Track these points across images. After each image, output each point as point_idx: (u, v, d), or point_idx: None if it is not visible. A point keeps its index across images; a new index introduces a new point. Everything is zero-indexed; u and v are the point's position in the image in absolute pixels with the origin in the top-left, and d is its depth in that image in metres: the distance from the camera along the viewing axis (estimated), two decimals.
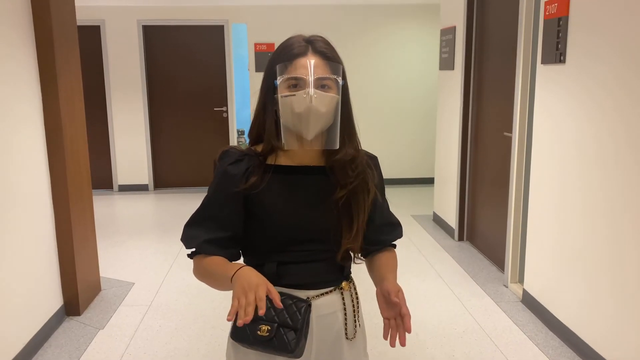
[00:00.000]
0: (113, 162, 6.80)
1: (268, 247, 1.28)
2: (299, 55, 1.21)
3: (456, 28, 4.70)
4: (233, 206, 1.26)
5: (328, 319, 1.31)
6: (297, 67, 1.19)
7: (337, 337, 1.33)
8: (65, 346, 2.97)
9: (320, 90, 1.19)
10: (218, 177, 1.28)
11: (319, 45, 1.23)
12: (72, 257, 3.24)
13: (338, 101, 1.22)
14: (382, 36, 6.75)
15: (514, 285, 3.70)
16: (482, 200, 4.44)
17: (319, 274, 1.31)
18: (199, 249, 1.27)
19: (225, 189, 1.26)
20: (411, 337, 3.05)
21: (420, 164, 7.04)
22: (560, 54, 2.95)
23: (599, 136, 2.65)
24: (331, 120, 1.22)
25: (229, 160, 1.28)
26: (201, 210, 1.30)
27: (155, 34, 6.64)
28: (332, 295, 1.33)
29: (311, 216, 1.27)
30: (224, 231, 1.27)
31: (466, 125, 4.63)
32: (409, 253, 4.46)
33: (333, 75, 1.21)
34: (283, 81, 1.20)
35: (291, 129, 1.21)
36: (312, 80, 1.18)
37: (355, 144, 1.30)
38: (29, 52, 2.95)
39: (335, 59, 1.24)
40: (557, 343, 2.98)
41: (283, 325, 1.18)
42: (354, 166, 1.28)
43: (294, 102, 1.18)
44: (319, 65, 1.20)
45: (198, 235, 1.27)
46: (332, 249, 1.30)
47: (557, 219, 3.04)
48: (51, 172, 3.14)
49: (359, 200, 1.29)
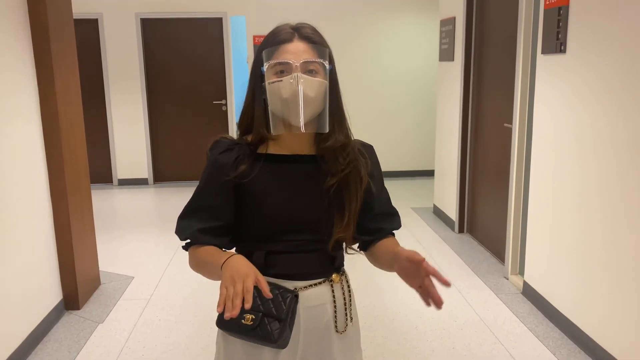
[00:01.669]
0: (112, 156, 6.78)
1: (257, 236, 1.27)
2: (285, 41, 1.20)
3: (456, 19, 4.67)
4: (224, 195, 1.26)
5: (316, 310, 1.29)
6: (283, 53, 1.19)
7: (326, 330, 1.31)
8: (65, 340, 2.97)
9: (308, 75, 1.18)
10: (209, 167, 1.28)
11: (305, 31, 1.23)
12: (71, 251, 3.24)
13: (326, 86, 1.20)
14: (381, 28, 6.71)
15: (514, 277, 3.69)
16: (483, 192, 4.43)
17: (308, 265, 1.29)
18: (192, 238, 1.27)
19: (216, 178, 1.26)
20: (411, 329, 3.05)
21: (420, 156, 7.02)
22: (561, 44, 2.92)
23: (598, 127, 2.63)
24: (321, 106, 1.21)
25: (220, 149, 1.27)
26: (193, 201, 1.29)
27: (153, 27, 6.61)
28: (321, 287, 1.31)
29: (301, 205, 1.26)
30: (216, 220, 1.26)
31: (466, 117, 4.61)
32: (409, 246, 4.45)
33: (319, 59, 1.20)
34: (270, 67, 1.19)
35: (280, 116, 1.20)
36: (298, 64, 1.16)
37: (345, 130, 1.28)
38: (24, 44, 2.93)
39: (322, 43, 1.23)
40: (557, 334, 2.97)
41: (267, 315, 1.18)
42: (345, 154, 1.26)
43: (281, 87, 1.17)
44: (306, 50, 1.19)
45: (191, 225, 1.27)
46: (322, 239, 1.28)
47: (557, 211, 3.03)
48: (49, 165, 3.12)
49: (351, 189, 1.27)
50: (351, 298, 1.37)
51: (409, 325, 3.09)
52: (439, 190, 5.34)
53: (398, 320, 3.15)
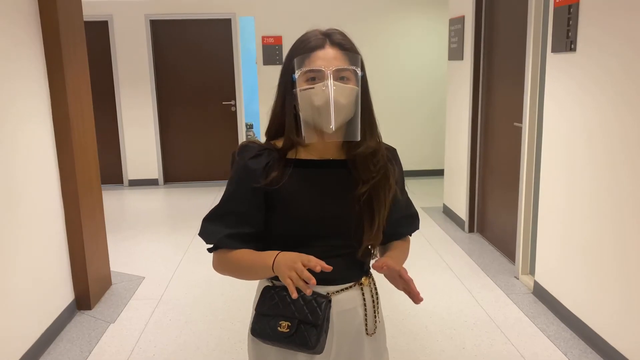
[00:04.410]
0: (123, 157, 6.83)
1: (288, 241, 1.26)
2: (316, 48, 1.20)
3: (465, 18, 4.65)
4: (254, 201, 1.25)
5: (348, 314, 1.30)
6: (315, 60, 1.18)
7: (357, 333, 1.32)
8: (77, 340, 2.99)
9: (339, 82, 1.18)
10: (238, 172, 1.27)
11: (336, 37, 1.22)
12: (82, 251, 3.26)
13: (358, 93, 1.20)
14: (390, 26, 6.69)
15: (524, 277, 3.67)
16: (493, 191, 4.41)
17: (340, 269, 1.27)
18: (220, 243, 1.27)
19: (246, 183, 1.25)
20: (421, 329, 3.04)
21: (430, 155, 7.00)
22: (571, 42, 2.90)
23: (609, 125, 2.61)
24: (352, 113, 1.21)
25: (249, 154, 1.26)
26: (221, 205, 1.29)
27: (162, 28, 6.64)
28: (352, 290, 1.32)
29: (333, 211, 1.26)
30: (245, 226, 1.26)
31: (476, 116, 4.59)
32: (419, 245, 4.44)
33: (351, 66, 1.20)
34: (301, 75, 1.19)
35: (311, 123, 1.20)
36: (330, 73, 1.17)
37: (376, 136, 1.28)
38: (36, 48, 2.96)
39: (353, 50, 1.23)
40: (568, 334, 2.96)
41: (304, 322, 1.18)
42: (376, 160, 1.27)
43: (312, 95, 1.17)
44: (337, 57, 1.19)
45: (218, 230, 1.26)
46: (352, 244, 1.29)
47: (568, 210, 3.01)
48: (60, 167, 3.15)
49: (380, 197, 1.28)
50: (379, 300, 1.39)
51: (419, 325, 3.08)
52: (448, 190, 5.32)
53: (408, 320, 3.14)
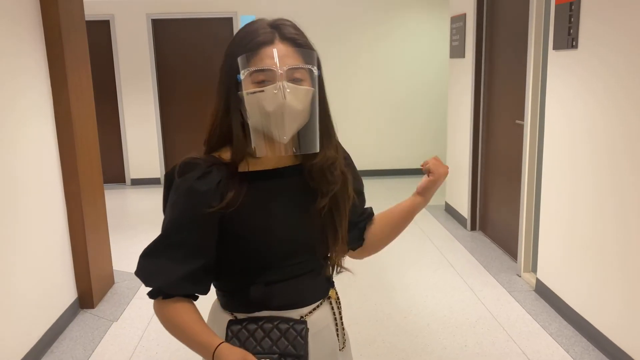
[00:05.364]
0: (125, 156, 6.84)
1: (251, 267, 1.11)
2: (264, 44, 1.02)
3: (466, 15, 4.64)
4: (206, 229, 1.07)
5: (323, 334, 1.19)
6: (264, 58, 1.01)
7: (332, 352, 1.21)
8: (80, 338, 3.00)
9: (293, 83, 1.01)
10: (182, 196, 1.06)
11: (287, 31, 1.05)
12: (84, 250, 3.27)
13: (314, 95, 1.04)
14: (391, 25, 6.69)
15: (526, 275, 3.67)
16: (495, 189, 4.41)
17: (308, 288, 1.17)
18: (167, 289, 1.08)
19: (194, 209, 1.05)
20: (423, 327, 3.04)
21: (431, 153, 6.98)
22: (573, 39, 2.90)
23: (611, 123, 2.61)
24: (307, 118, 1.04)
25: (195, 173, 1.06)
26: (164, 238, 1.08)
27: (164, 28, 6.65)
28: (322, 308, 1.20)
29: (296, 227, 1.13)
30: (195, 260, 1.07)
31: (477, 114, 4.59)
32: (421, 243, 4.44)
33: (307, 65, 1.03)
34: (248, 75, 1.01)
35: (261, 130, 1.03)
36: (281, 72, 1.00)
37: (334, 143, 1.13)
38: (38, 46, 2.97)
39: (308, 45, 1.06)
40: (570, 332, 2.95)
41: (286, 355, 1.06)
42: (334, 169, 1.13)
43: (262, 99, 1.00)
44: (290, 54, 1.02)
45: (163, 269, 1.07)
46: (318, 260, 1.18)
47: (570, 208, 3.00)
48: (62, 166, 3.16)
49: (340, 208, 1.16)
50: (340, 308, 1.27)
51: (421, 323, 3.09)
52: (450, 188, 5.32)
53: (410, 318, 3.14)
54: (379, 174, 6.83)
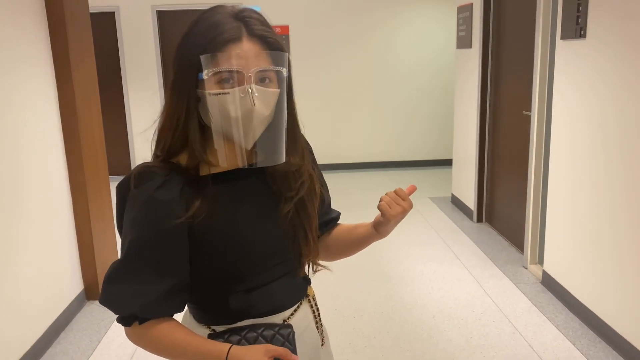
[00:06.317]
0: (131, 148, 6.85)
1: (227, 277, 1.05)
2: (231, 41, 0.93)
3: (473, 5, 4.59)
4: (174, 243, 0.98)
5: (305, 334, 1.15)
6: (230, 57, 0.92)
7: (315, 350, 1.19)
8: (86, 330, 3.02)
9: (260, 85, 0.94)
10: (143, 209, 0.96)
11: (256, 27, 0.96)
12: (90, 242, 3.28)
13: (283, 97, 0.97)
14: (398, 15, 6.63)
15: (533, 267, 3.65)
16: (501, 181, 4.38)
17: (287, 290, 1.12)
18: (143, 314, 0.98)
19: (158, 222, 0.96)
20: (429, 318, 3.04)
21: (438, 145, 6.95)
22: (581, 29, 2.86)
23: (620, 113, 2.57)
24: (271, 118, 0.97)
25: (153, 183, 0.97)
26: (129, 258, 0.97)
27: (169, 19, 6.63)
28: (302, 307, 1.16)
29: (266, 231, 1.07)
30: (168, 278, 0.98)
31: (484, 105, 4.55)
32: (427, 235, 4.43)
33: (277, 67, 0.95)
34: (211, 75, 0.92)
35: (222, 134, 0.96)
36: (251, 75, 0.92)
37: (300, 149, 1.06)
38: (42, 39, 2.96)
39: (278, 43, 0.98)
40: (577, 324, 2.94)
41: None
42: (298, 175, 1.07)
43: (227, 102, 0.92)
44: (259, 55, 0.94)
45: (135, 293, 0.97)
46: (292, 261, 1.12)
47: (577, 199, 2.98)
48: (68, 158, 3.17)
49: (308, 210, 1.10)
50: (316, 302, 1.23)
51: (426, 315, 3.08)
52: (457, 180, 5.29)
53: (415, 310, 3.14)
54: (387, 165, 6.81)
